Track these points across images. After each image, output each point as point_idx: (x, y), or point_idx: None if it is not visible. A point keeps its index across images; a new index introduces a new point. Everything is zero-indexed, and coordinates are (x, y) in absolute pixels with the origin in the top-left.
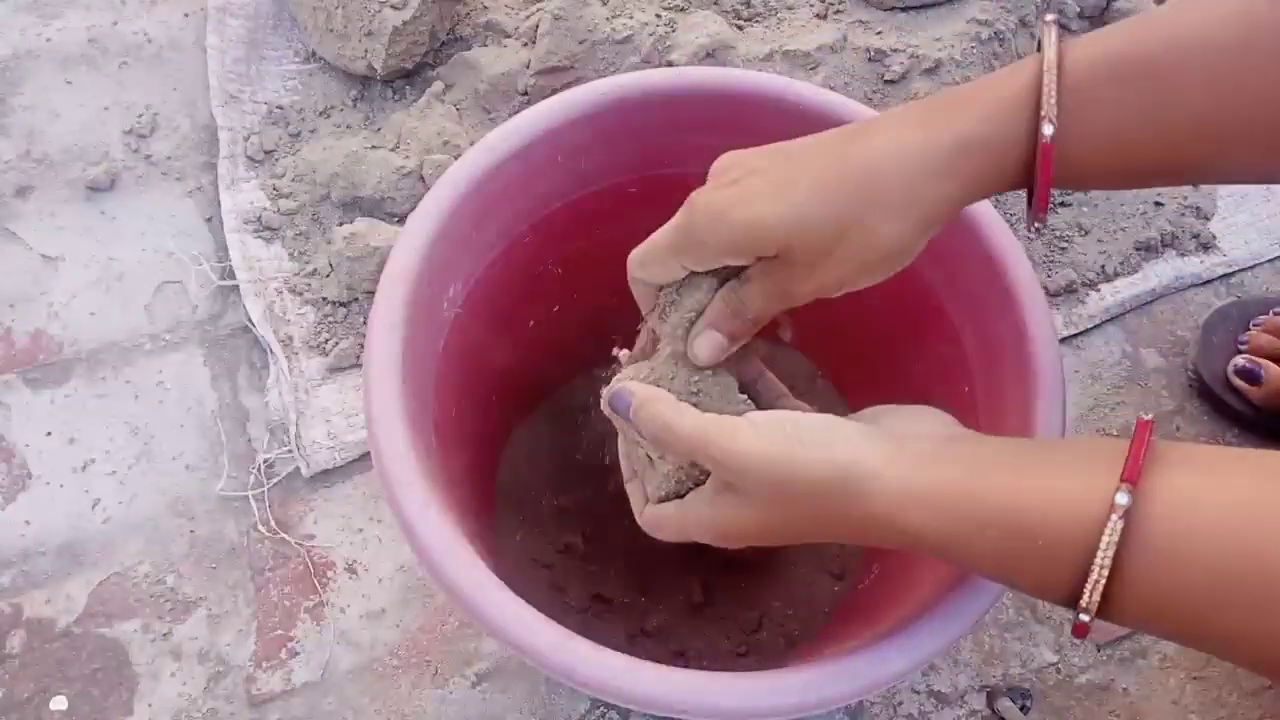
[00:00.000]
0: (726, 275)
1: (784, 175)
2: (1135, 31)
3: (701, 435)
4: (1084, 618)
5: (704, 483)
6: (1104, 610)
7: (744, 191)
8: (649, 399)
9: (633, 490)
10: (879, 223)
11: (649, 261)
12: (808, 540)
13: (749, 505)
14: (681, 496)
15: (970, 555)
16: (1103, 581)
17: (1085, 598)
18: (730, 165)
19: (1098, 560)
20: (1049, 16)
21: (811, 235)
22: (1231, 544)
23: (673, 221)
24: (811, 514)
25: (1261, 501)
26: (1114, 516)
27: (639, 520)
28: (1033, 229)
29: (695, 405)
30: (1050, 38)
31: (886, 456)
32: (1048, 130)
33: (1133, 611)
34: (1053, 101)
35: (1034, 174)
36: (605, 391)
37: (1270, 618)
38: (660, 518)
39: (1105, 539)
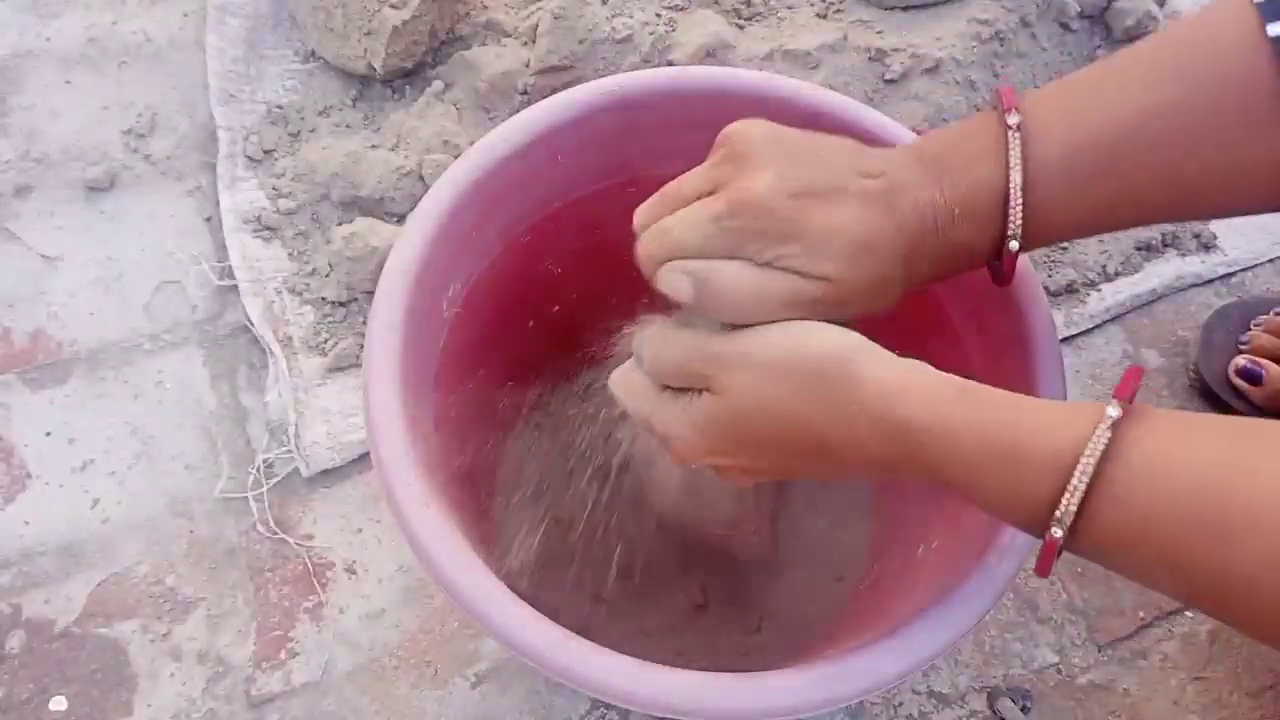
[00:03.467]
0: None
1: (840, 222)
2: (1100, 111)
3: (698, 344)
4: (1056, 532)
5: None
6: (1072, 533)
7: (811, 219)
8: (651, 332)
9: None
10: (900, 287)
11: (670, 245)
12: (798, 451)
13: (748, 393)
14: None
15: (950, 458)
16: (1082, 488)
17: (1062, 506)
18: (782, 164)
19: (1080, 465)
20: (1013, 119)
21: (857, 285)
22: (1206, 473)
23: (715, 219)
24: (808, 400)
25: (1238, 443)
26: (1102, 426)
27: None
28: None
29: None
30: (1016, 155)
31: (889, 356)
32: (1013, 246)
33: (1102, 534)
34: (1018, 224)
35: (998, 270)
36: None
37: (1232, 546)
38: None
39: (1092, 445)
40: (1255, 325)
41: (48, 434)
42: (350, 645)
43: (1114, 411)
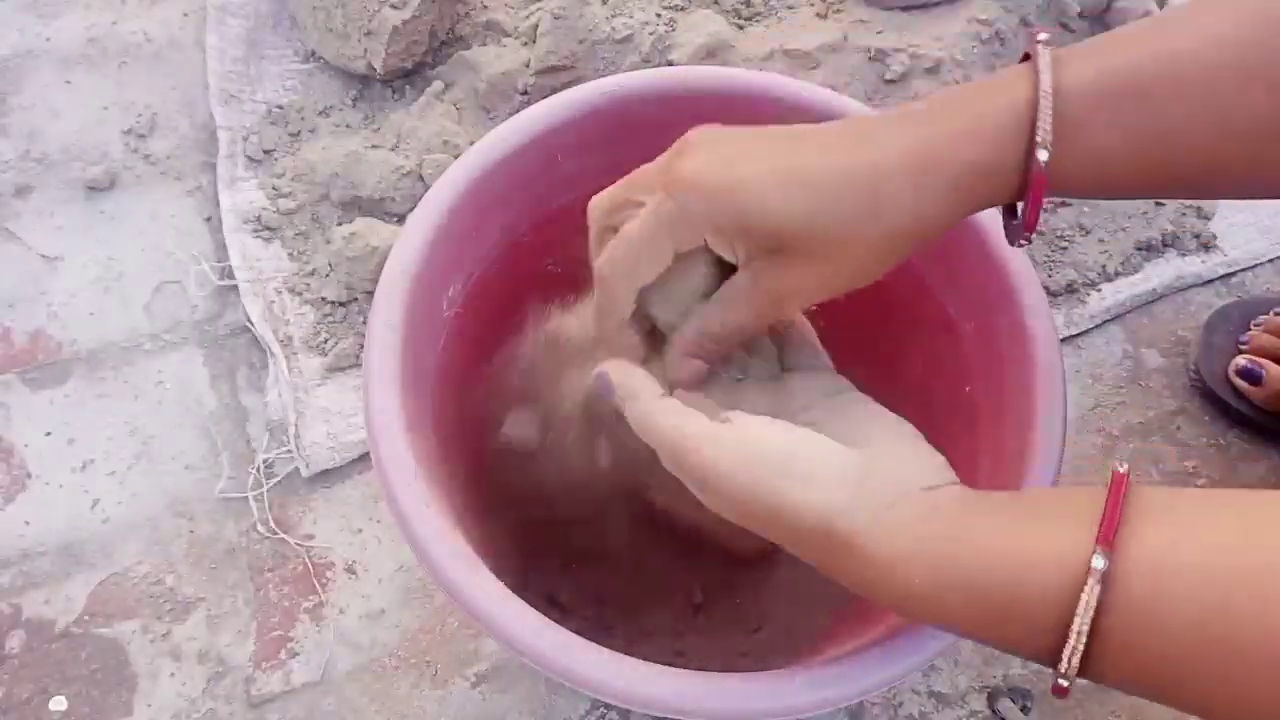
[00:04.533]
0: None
1: (790, 165)
2: (1129, 51)
3: (677, 443)
4: (1063, 682)
5: None
6: (1085, 671)
7: (746, 175)
8: (629, 393)
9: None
10: (884, 237)
11: (635, 258)
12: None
13: (735, 517)
14: None
15: (950, 616)
16: (1081, 647)
17: (1064, 663)
18: (718, 141)
19: (1075, 626)
20: (1042, 36)
21: (818, 237)
22: (1205, 604)
23: (654, 208)
24: (790, 544)
25: (1235, 552)
26: (1090, 581)
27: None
28: (1018, 243)
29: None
30: (1045, 61)
31: (871, 512)
32: (1042, 156)
33: (1113, 674)
34: (1048, 129)
35: (1024, 197)
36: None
37: (1241, 679)
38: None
39: (1083, 603)
40: (1255, 325)
41: (48, 434)
42: (350, 645)
43: (1100, 564)
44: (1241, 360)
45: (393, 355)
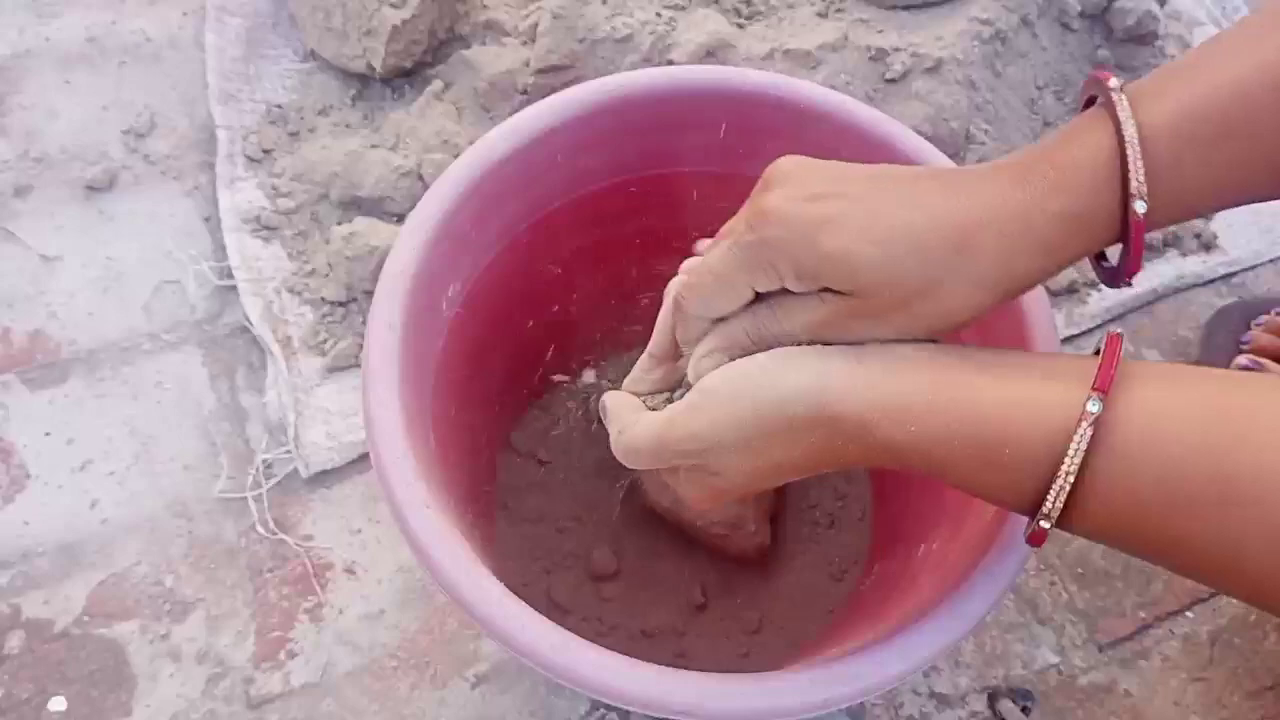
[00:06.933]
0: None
1: (876, 209)
2: (1198, 85)
3: (659, 439)
4: (1044, 524)
5: None
6: (1065, 519)
7: (831, 214)
8: (611, 416)
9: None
10: (967, 291)
11: (712, 290)
12: (798, 474)
13: (739, 459)
14: None
15: (939, 464)
16: (1068, 487)
17: (1048, 503)
18: (806, 176)
19: (1065, 466)
20: (1114, 82)
21: (899, 286)
22: (1194, 449)
23: (735, 240)
24: (793, 450)
25: (1225, 408)
26: (1084, 424)
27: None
28: (1118, 286)
29: None
30: (1125, 111)
31: (847, 372)
32: (1140, 208)
33: (1094, 519)
34: (1141, 179)
35: (1121, 242)
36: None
37: (1225, 518)
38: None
39: (1074, 445)
40: (1256, 325)
41: (47, 434)
42: (350, 646)
43: (1095, 407)
44: (1242, 360)
45: (393, 355)
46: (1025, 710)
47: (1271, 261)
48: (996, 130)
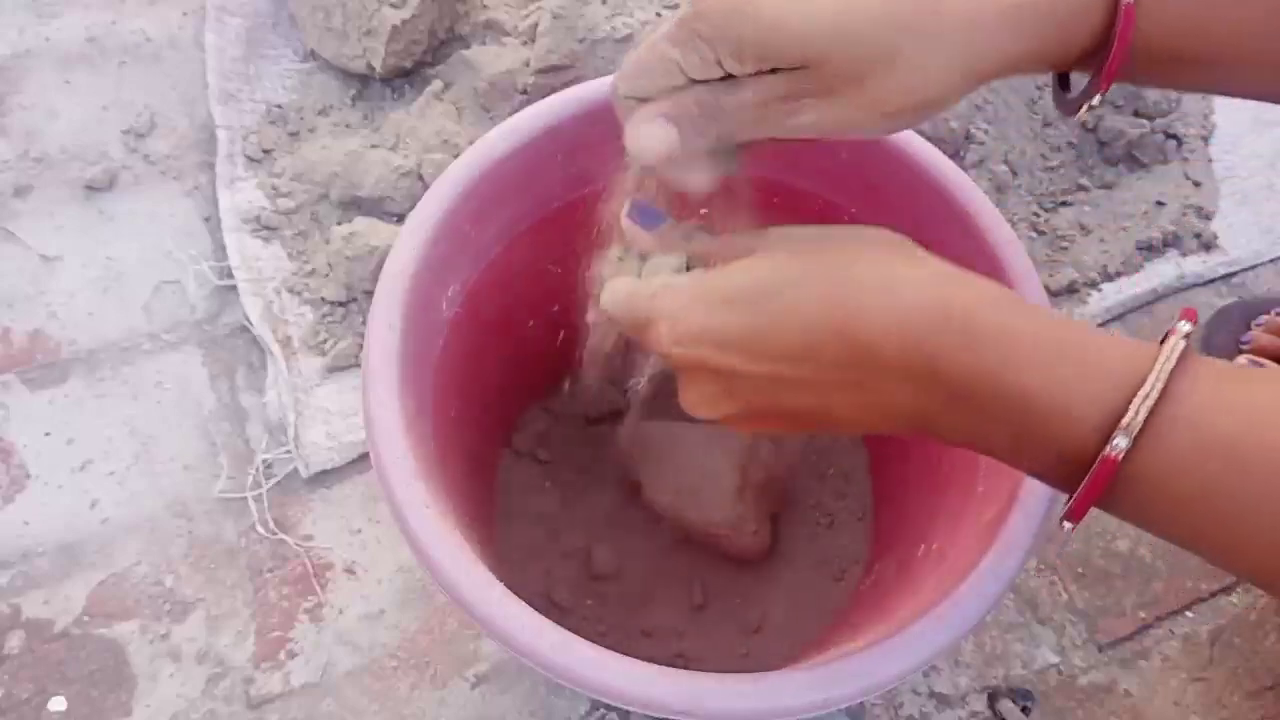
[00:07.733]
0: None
1: None
2: None
3: (702, 296)
4: (1120, 443)
5: None
6: (1128, 462)
7: None
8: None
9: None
10: (929, 61)
11: (642, 62)
12: (810, 355)
13: (789, 263)
14: None
15: (1006, 356)
16: (1154, 396)
17: (1129, 415)
18: None
19: (1155, 370)
20: None
21: (853, 52)
22: (1255, 428)
23: (674, 19)
24: (859, 268)
25: None
26: (1175, 337)
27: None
28: (1072, 113)
29: None
30: None
31: (975, 295)
32: None
33: (1165, 458)
34: None
35: (1102, 44)
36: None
37: (1272, 510)
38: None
39: (1165, 353)
40: (1256, 325)
41: (47, 434)
42: (350, 646)
43: (1186, 326)
44: (1243, 359)
45: (392, 355)
46: (1025, 710)
47: (1271, 261)
48: (996, 130)
